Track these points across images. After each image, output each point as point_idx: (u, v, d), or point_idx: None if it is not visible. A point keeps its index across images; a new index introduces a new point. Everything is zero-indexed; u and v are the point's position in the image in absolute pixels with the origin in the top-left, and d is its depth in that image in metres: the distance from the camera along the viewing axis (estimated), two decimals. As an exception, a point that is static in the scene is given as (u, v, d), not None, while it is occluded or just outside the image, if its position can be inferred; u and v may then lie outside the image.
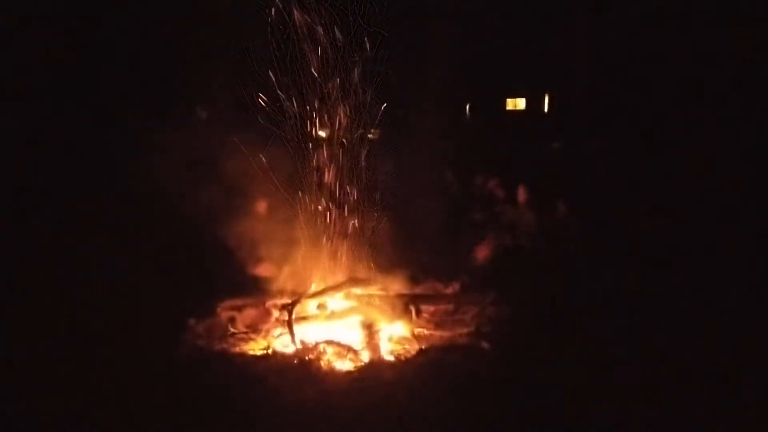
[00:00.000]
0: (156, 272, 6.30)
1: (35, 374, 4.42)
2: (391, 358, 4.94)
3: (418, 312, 5.55)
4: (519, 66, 17.60)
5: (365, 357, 4.88)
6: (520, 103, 20.20)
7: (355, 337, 5.11)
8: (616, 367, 4.58)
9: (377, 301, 5.52)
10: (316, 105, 5.45)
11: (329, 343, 4.93)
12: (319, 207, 5.62)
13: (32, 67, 9.38)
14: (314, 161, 5.57)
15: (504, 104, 20.04)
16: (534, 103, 19.74)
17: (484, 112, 17.47)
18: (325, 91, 5.38)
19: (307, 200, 5.60)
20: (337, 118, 5.53)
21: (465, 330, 5.44)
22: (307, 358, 4.78)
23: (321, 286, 5.64)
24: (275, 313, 5.45)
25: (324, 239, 5.67)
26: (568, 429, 3.90)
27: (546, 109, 19.46)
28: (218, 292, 5.88)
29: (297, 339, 5.04)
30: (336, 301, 5.60)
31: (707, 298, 5.75)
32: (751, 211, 8.23)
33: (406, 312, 5.45)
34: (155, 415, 3.93)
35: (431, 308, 5.78)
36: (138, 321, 5.38)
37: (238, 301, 5.68)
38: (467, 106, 16.31)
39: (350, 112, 5.50)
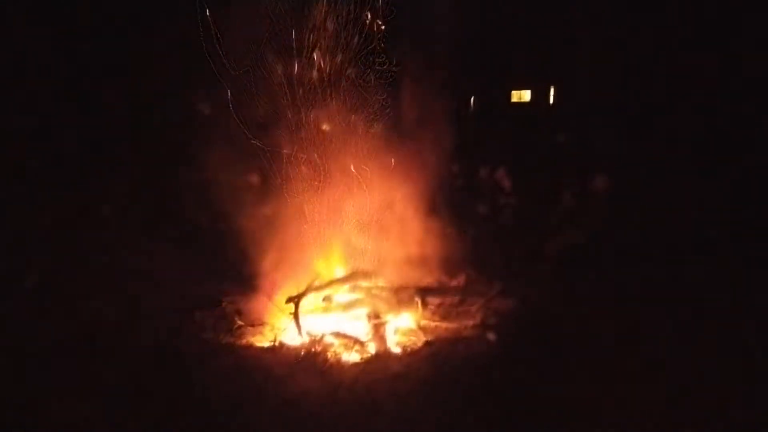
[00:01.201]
0: (162, 265, 6.33)
1: (41, 369, 4.46)
2: (397, 350, 4.96)
3: (424, 304, 5.57)
4: (524, 58, 17.50)
5: (371, 349, 4.90)
6: (525, 95, 20.11)
7: (362, 329, 5.14)
8: (619, 364, 4.57)
9: (383, 294, 5.53)
10: (320, 98, 5.46)
11: (336, 335, 4.96)
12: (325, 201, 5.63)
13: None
14: (319, 156, 5.57)
15: (509, 96, 19.95)
16: (539, 95, 19.64)
17: (489, 104, 17.38)
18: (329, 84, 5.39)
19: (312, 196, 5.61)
20: (341, 111, 5.53)
21: (470, 322, 5.46)
22: (313, 350, 4.80)
23: (327, 279, 5.66)
24: (282, 306, 5.47)
25: (330, 232, 5.68)
26: (570, 419, 3.90)
27: (551, 101, 19.36)
28: (224, 284, 5.91)
29: (303, 331, 5.06)
30: (342, 293, 5.62)
31: (712, 297, 5.74)
32: (754, 208, 8.19)
33: (412, 304, 5.47)
34: (162, 406, 3.96)
35: (437, 300, 5.79)
36: (144, 313, 5.42)
37: (245, 294, 5.70)
38: (471, 98, 16.23)
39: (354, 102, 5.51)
